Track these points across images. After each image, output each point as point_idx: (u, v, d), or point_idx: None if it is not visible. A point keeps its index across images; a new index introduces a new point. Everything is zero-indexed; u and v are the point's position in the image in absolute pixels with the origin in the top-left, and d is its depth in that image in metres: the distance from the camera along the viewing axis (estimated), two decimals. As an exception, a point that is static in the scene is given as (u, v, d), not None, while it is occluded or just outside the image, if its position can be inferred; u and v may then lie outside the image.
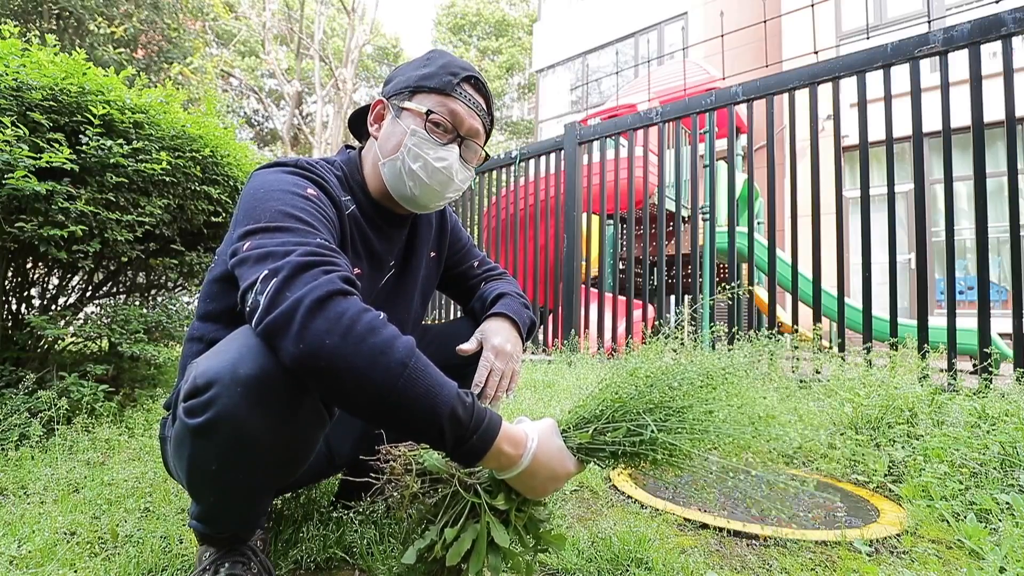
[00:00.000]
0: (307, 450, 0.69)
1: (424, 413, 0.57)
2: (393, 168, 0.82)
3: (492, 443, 0.61)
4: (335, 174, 0.83)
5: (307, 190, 0.72)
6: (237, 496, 0.69)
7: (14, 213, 1.50)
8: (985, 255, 1.90)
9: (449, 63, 0.83)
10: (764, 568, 0.91)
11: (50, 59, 1.63)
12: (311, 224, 0.66)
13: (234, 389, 0.58)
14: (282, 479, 0.71)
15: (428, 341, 0.95)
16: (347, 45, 15.53)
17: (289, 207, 0.67)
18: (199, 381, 0.59)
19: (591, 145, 3.34)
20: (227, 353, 0.60)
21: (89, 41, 6.21)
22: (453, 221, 1.05)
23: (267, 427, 0.61)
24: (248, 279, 0.60)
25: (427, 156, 0.80)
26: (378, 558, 0.86)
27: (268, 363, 0.59)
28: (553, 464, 0.66)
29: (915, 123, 2.07)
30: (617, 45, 10.43)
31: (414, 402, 0.56)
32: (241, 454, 0.62)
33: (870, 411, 1.49)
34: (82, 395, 1.64)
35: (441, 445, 0.60)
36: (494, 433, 0.61)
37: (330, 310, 0.56)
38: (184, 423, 0.61)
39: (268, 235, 0.63)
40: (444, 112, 0.80)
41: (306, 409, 0.63)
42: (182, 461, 0.65)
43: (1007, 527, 0.96)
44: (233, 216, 0.73)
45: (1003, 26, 1.89)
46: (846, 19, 6.75)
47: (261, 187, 0.71)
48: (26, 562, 0.84)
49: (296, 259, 0.59)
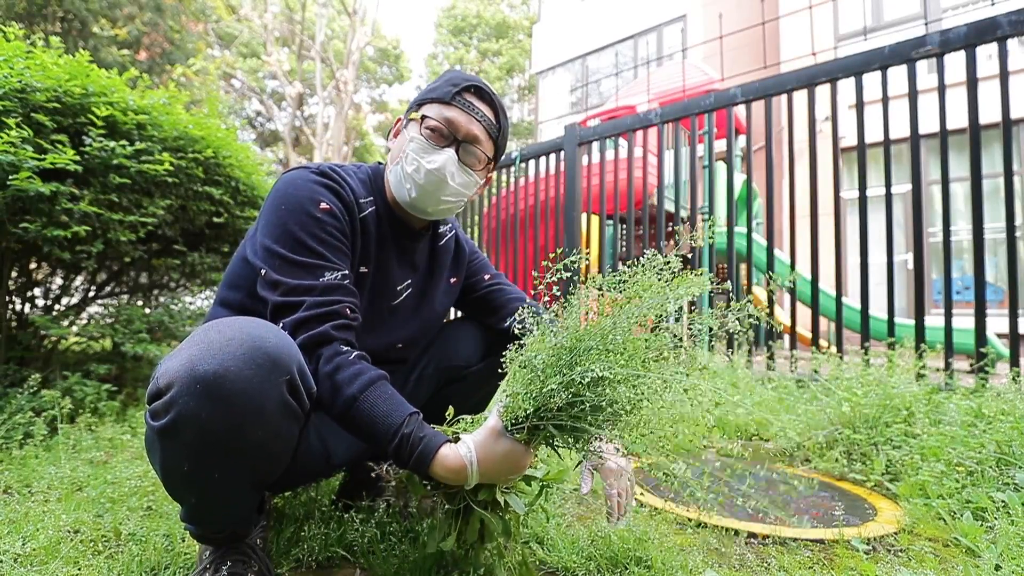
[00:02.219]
0: (282, 445, 0.68)
1: (371, 440, 0.72)
2: (395, 173, 0.88)
3: (427, 468, 0.70)
4: (360, 177, 0.91)
5: (321, 205, 0.80)
6: (217, 495, 0.68)
7: (18, 214, 1.51)
8: (981, 255, 1.91)
9: (453, 76, 0.87)
10: (762, 566, 0.91)
11: (54, 61, 1.64)
12: (322, 255, 0.78)
13: (193, 388, 0.57)
14: (264, 475, 0.70)
15: (441, 342, 1.05)
16: (348, 47, 15.55)
17: (305, 235, 0.78)
18: (160, 382, 0.59)
19: (591, 146, 3.35)
20: (187, 352, 0.60)
21: (93, 43, 6.23)
22: (470, 247, 1.08)
23: (232, 424, 0.60)
24: (271, 315, 0.77)
25: (421, 159, 0.85)
26: (379, 557, 0.86)
27: (227, 359, 0.59)
28: (503, 466, 0.71)
29: (912, 124, 2.08)
30: (617, 47, 10.44)
31: (360, 430, 0.72)
32: (210, 453, 0.61)
33: (867, 410, 1.50)
34: (85, 394, 1.65)
35: (394, 462, 0.74)
36: (426, 462, 0.69)
37: (312, 360, 0.72)
38: (150, 425, 0.61)
39: (286, 269, 0.76)
40: (440, 118, 0.84)
41: (273, 404, 0.62)
42: (156, 463, 0.65)
43: (1003, 525, 0.97)
44: (262, 208, 0.84)
45: (999, 29, 1.90)
46: (844, 21, 6.76)
47: (284, 201, 0.80)
48: (30, 560, 0.85)
49: (302, 318, 0.74)
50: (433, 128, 0.84)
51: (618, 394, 0.64)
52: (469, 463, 0.69)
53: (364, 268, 0.88)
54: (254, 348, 0.61)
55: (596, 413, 0.66)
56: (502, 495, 0.75)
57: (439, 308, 1.02)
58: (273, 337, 0.64)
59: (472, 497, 0.74)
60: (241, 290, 0.87)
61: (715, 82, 5.65)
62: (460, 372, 1.03)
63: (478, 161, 0.88)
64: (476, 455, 0.69)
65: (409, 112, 0.89)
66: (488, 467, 0.70)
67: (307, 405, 0.69)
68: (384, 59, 20.37)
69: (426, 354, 1.05)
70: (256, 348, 0.61)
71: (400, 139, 0.89)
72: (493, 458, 0.70)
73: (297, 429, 0.69)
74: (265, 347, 0.62)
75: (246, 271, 0.85)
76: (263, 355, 0.61)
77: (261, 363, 0.61)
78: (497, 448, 0.70)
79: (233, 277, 0.88)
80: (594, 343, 0.66)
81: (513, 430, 0.70)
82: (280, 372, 0.63)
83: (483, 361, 1.04)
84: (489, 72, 19.70)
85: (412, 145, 0.85)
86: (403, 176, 0.86)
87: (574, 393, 0.65)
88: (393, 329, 0.95)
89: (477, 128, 0.86)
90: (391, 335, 0.95)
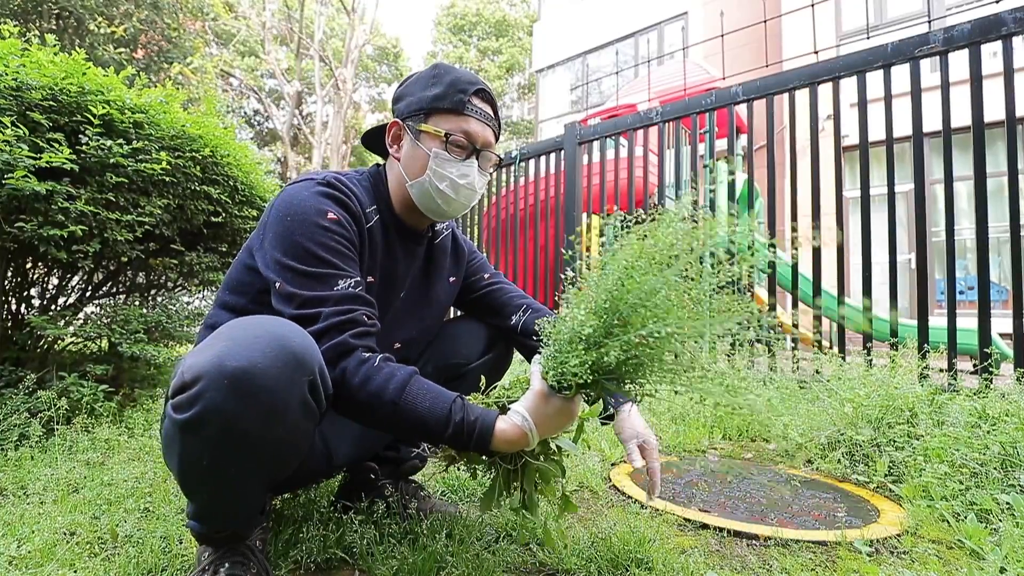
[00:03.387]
0: (299, 443, 0.69)
1: (424, 435, 0.74)
2: (422, 189, 0.89)
3: (489, 446, 0.72)
4: (363, 185, 0.91)
5: (328, 215, 0.80)
6: (231, 492, 0.69)
7: (14, 213, 1.50)
8: (985, 255, 1.90)
9: (457, 79, 0.87)
10: (764, 568, 0.90)
11: (50, 59, 1.63)
12: (333, 264, 0.78)
13: (221, 382, 0.58)
14: (276, 473, 0.71)
15: (438, 341, 1.06)
16: (347, 45, 15.53)
17: (315, 245, 0.77)
18: (187, 376, 0.60)
19: (591, 145, 3.34)
20: (214, 348, 0.61)
21: (89, 41, 6.20)
22: (469, 247, 1.09)
23: (256, 420, 0.61)
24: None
25: (451, 175, 0.87)
26: (378, 558, 0.86)
27: (255, 356, 0.60)
28: (558, 423, 0.75)
29: (915, 123, 2.06)
30: (617, 45, 10.42)
31: (412, 430, 0.73)
32: (231, 448, 0.62)
33: (870, 411, 1.49)
34: (82, 395, 1.64)
35: (452, 448, 0.76)
36: (487, 440, 0.71)
37: (335, 371, 0.72)
38: (173, 419, 0.61)
39: (299, 281, 0.76)
40: (460, 133, 0.86)
41: (295, 402, 0.64)
42: (173, 458, 0.66)
43: (1007, 527, 0.96)
44: (264, 221, 0.83)
45: (1003, 26, 1.89)
46: (846, 19, 6.74)
47: (289, 212, 0.79)
48: (26, 562, 0.84)
49: (320, 329, 0.73)
50: (457, 144, 0.86)
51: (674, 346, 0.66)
52: (529, 430, 0.72)
53: (371, 278, 0.88)
54: (280, 347, 0.62)
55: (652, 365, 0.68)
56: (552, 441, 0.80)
57: (438, 308, 1.02)
58: (298, 337, 0.65)
59: (528, 452, 0.78)
60: (244, 295, 0.87)
61: (716, 80, 5.63)
62: (460, 369, 1.03)
63: (490, 162, 0.92)
64: (533, 420, 0.72)
65: (415, 119, 0.87)
66: (544, 428, 0.73)
67: (324, 406, 0.70)
68: (383, 57, 20.33)
69: (425, 353, 1.05)
70: (282, 347, 0.62)
71: (413, 150, 0.88)
72: (547, 419, 0.73)
73: (313, 430, 0.71)
74: (291, 346, 0.63)
75: (249, 278, 0.85)
76: (289, 354, 0.62)
77: (287, 361, 0.62)
78: (548, 409, 0.73)
79: (235, 283, 0.88)
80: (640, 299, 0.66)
81: (559, 388, 0.72)
82: (304, 371, 0.64)
83: (482, 358, 1.04)
84: (489, 71, 19.66)
85: (436, 161, 0.86)
86: (434, 192, 0.87)
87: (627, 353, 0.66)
88: (392, 330, 0.95)
89: (490, 134, 0.89)
90: (390, 336, 0.95)
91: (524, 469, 0.79)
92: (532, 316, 1.02)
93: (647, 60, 6.40)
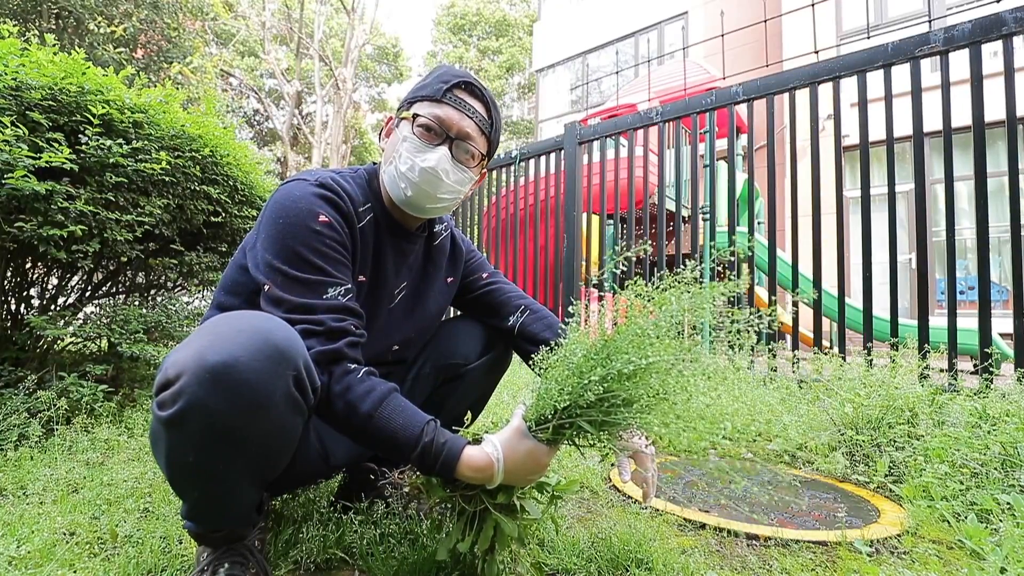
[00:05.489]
0: (287, 438, 0.69)
1: (394, 452, 0.72)
2: (389, 173, 0.88)
3: (454, 471, 0.71)
4: (358, 183, 0.90)
5: (320, 218, 0.79)
6: (220, 489, 0.68)
7: (13, 213, 1.50)
8: (986, 255, 1.90)
9: (444, 73, 0.87)
10: (764, 568, 0.90)
11: (49, 59, 1.63)
12: (323, 271, 0.77)
13: (202, 377, 0.58)
14: (266, 469, 0.71)
15: (437, 341, 1.05)
16: (347, 45, 15.52)
17: (306, 249, 0.77)
18: (169, 372, 0.60)
19: (591, 145, 3.33)
20: (196, 343, 0.61)
21: (88, 41, 6.19)
22: (467, 246, 1.08)
23: (240, 415, 0.60)
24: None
25: (415, 158, 0.84)
26: (378, 558, 0.86)
27: (236, 350, 0.60)
28: (526, 466, 0.73)
29: (916, 123, 2.06)
30: (617, 45, 10.42)
31: (382, 445, 0.72)
32: (216, 443, 0.62)
33: (871, 411, 1.49)
34: (81, 395, 1.64)
35: (418, 469, 0.74)
36: (452, 464, 0.71)
37: (320, 379, 0.71)
38: (157, 416, 0.61)
39: (289, 286, 0.75)
40: (431, 116, 0.84)
41: (280, 395, 0.63)
42: (161, 456, 0.65)
43: (1008, 527, 0.96)
44: (261, 218, 0.82)
45: (1004, 25, 1.89)
46: (846, 19, 6.73)
47: (282, 215, 0.78)
48: (25, 562, 0.84)
49: (308, 334, 0.73)
50: (425, 126, 0.84)
51: (649, 386, 0.67)
52: (496, 460, 0.71)
53: (362, 277, 0.88)
54: (263, 340, 0.62)
55: (629, 406, 0.68)
56: (518, 499, 0.77)
57: (435, 308, 1.01)
58: (281, 331, 0.65)
59: (490, 500, 0.75)
60: (239, 296, 0.86)
61: (716, 80, 5.63)
62: (458, 369, 1.03)
63: (471, 157, 0.88)
64: (503, 452, 0.71)
65: (400, 111, 0.88)
66: (512, 465, 0.72)
67: (312, 401, 0.69)
68: (383, 57, 20.32)
69: (423, 353, 1.05)
70: (265, 341, 0.62)
71: (393, 138, 0.89)
72: (517, 456, 0.72)
73: (301, 424, 0.70)
74: (274, 340, 0.63)
75: (244, 279, 0.85)
76: (272, 348, 0.62)
77: (270, 355, 0.62)
78: (521, 447, 0.72)
79: (231, 284, 0.88)
80: (628, 341, 0.69)
81: (536, 430, 0.72)
82: (288, 365, 0.63)
83: (480, 358, 1.04)
84: (489, 70, 19.65)
85: (405, 144, 0.85)
86: (397, 175, 0.86)
87: (607, 388, 0.67)
88: (389, 331, 0.94)
89: (469, 124, 0.86)
90: (387, 337, 0.94)
91: (483, 518, 0.76)
92: (530, 317, 1.02)
93: (647, 60, 6.39)
